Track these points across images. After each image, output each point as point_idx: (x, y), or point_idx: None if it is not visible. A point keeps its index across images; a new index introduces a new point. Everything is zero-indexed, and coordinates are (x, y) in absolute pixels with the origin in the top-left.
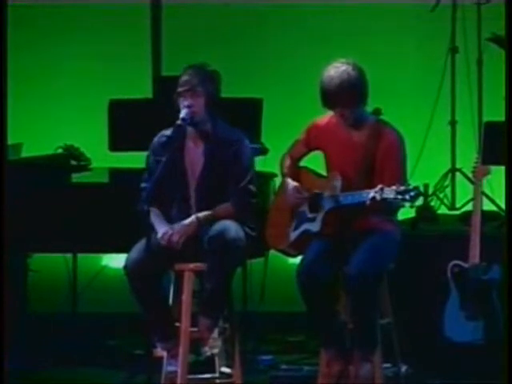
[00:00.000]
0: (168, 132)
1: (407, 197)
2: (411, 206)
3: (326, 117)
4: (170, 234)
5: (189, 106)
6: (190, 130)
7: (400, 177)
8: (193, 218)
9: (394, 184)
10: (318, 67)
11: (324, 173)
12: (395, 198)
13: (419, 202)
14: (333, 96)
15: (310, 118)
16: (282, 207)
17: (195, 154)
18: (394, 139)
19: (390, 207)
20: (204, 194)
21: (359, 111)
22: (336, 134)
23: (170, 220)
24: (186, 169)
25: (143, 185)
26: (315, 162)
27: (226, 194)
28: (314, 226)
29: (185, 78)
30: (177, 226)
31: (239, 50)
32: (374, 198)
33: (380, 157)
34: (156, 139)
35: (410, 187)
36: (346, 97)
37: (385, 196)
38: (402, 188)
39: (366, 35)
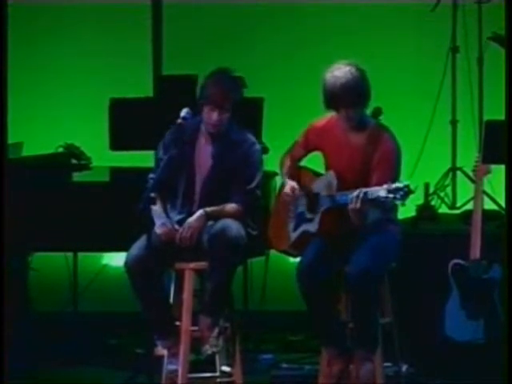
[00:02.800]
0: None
1: (398, 195)
2: (402, 205)
3: (324, 118)
4: (180, 232)
5: (217, 121)
6: (203, 128)
7: (391, 181)
8: (201, 212)
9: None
10: (318, 67)
11: (323, 173)
12: (386, 197)
13: (420, 201)
14: (339, 96)
15: (310, 117)
16: (283, 208)
17: (206, 152)
18: (392, 147)
19: (384, 206)
20: (209, 192)
21: (361, 113)
22: (334, 135)
23: (173, 214)
24: (195, 166)
25: (151, 175)
26: (315, 162)
27: (230, 195)
28: (313, 226)
29: (216, 89)
30: (185, 223)
31: (239, 50)
32: (356, 195)
33: (375, 162)
34: (169, 133)
35: (401, 185)
36: (352, 96)
37: (376, 195)
38: (393, 186)
39: (367, 35)
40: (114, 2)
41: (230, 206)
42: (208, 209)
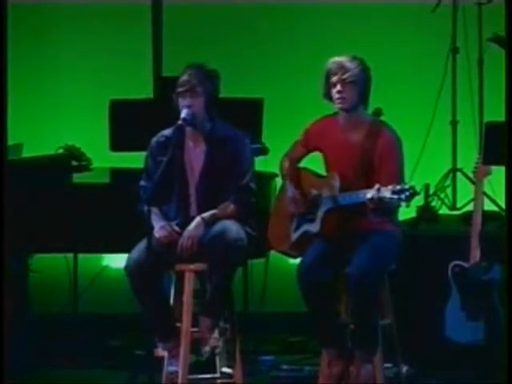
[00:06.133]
0: (167, 132)
1: (403, 196)
2: (407, 206)
3: (323, 118)
4: (181, 243)
5: (189, 106)
6: (189, 129)
7: (397, 176)
8: (198, 219)
9: (390, 183)
10: (319, 67)
11: (324, 173)
12: (391, 198)
13: (420, 202)
14: (332, 72)
15: (310, 117)
16: (283, 209)
17: (195, 153)
18: (391, 139)
19: (388, 207)
20: (204, 192)
21: (354, 100)
22: (333, 134)
23: (169, 219)
24: (186, 168)
25: (142, 183)
26: (315, 162)
27: (225, 192)
28: (314, 227)
29: (184, 77)
30: (185, 232)
31: (240, 50)
32: (370, 197)
33: (377, 156)
34: (154, 139)
35: (406, 186)
36: (345, 71)
37: (381, 196)
38: (398, 187)
39: (367, 35)
40: (113, 2)
41: (227, 207)
42: (205, 215)
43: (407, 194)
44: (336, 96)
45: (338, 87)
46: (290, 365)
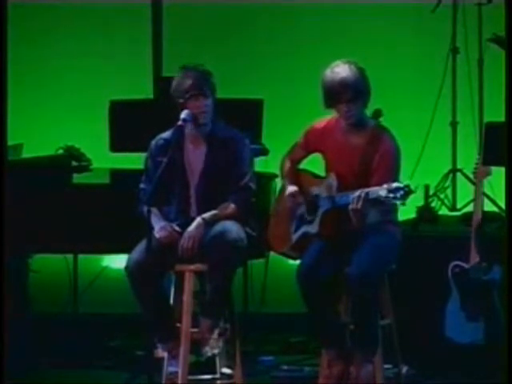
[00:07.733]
0: (165, 135)
1: (398, 195)
2: (403, 204)
3: (324, 120)
4: (182, 243)
5: (204, 111)
6: (188, 130)
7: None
8: (199, 220)
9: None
10: (318, 67)
11: (323, 174)
12: (387, 197)
13: (420, 202)
14: (338, 91)
15: (310, 118)
16: (283, 211)
17: (195, 154)
18: (392, 148)
19: (385, 206)
20: (204, 193)
21: (361, 112)
22: (334, 136)
23: (169, 220)
24: (186, 169)
25: (142, 186)
26: (315, 164)
27: (225, 193)
28: (313, 228)
29: (191, 81)
30: (186, 233)
31: (239, 50)
32: (357, 195)
33: (375, 162)
34: (154, 142)
35: (401, 185)
36: (352, 90)
37: (376, 194)
38: (394, 186)
39: (367, 35)
40: (113, 3)
41: (227, 207)
42: (205, 215)
43: (402, 192)
44: (345, 115)
45: (345, 108)
46: (289, 365)
